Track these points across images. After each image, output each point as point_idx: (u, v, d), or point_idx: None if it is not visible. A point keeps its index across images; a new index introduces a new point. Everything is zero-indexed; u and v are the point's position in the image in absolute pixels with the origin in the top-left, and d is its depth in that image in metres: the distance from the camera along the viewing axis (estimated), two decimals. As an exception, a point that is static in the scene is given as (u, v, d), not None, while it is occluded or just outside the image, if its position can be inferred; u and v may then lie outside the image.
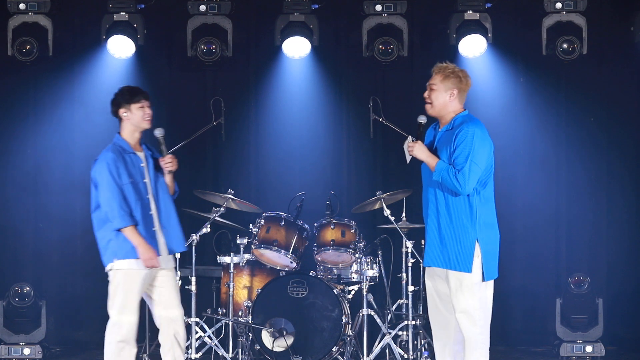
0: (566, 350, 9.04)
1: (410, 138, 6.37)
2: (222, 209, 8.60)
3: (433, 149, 6.36)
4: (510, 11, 9.75)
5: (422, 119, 6.40)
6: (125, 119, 6.72)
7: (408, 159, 6.46)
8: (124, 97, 6.71)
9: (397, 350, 8.49)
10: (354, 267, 8.69)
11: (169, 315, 6.83)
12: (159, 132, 6.80)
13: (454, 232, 6.27)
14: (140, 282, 6.68)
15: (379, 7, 9.39)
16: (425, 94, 6.38)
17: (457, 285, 6.28)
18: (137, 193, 6.68)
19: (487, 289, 6.36)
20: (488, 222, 6.32)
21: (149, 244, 6.64)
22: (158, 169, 6.83)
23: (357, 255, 8.64)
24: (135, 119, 6.71)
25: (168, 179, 6.85)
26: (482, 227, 6.28)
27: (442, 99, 6.34)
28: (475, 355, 6.29)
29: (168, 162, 6.78)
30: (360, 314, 8.54)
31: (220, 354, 8.49)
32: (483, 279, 6.28)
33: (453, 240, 6.27)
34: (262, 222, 8.73)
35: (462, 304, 6.27)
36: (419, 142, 6.32)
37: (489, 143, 6.31)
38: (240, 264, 8.65)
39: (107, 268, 6.71)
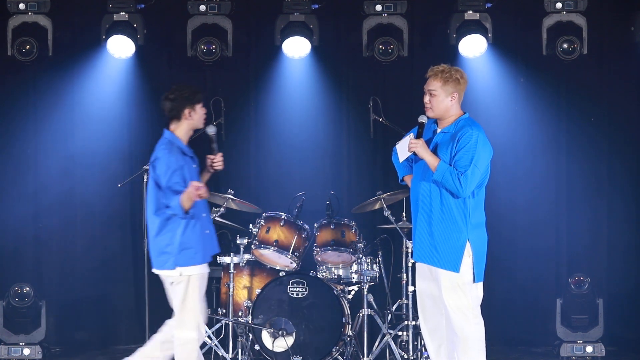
0: (566, 350, 9.03)
1: (412, 136, 6.38)
2: (222, 209, 8.60)
3: (431, 149, 6.37)
4: (511, 11, 9.74)
5: (423, 119, 6.41)
6: (188, 119, 6.62)
7: (402, 157, 6.46)
8: (189, 96, 6.59)
9: (397, 350, 8.48)
10: (354, 267, 8.68)
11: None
12: (212, 130, 6.75)
13: (446, 231, 6.28)
14: None
15: (379, 7, 9.38)
16: (426, 100, 6.37)
17: (448, 285, 6.29)
18: None
19: (478, 290, 6.37)
20: (479, 223, 6.35)
21: None
22: None
23: (357, 256, 8.63)
24: (199, 119, 6.67)
25: (207, 178, 6.82)
26: (473, 228, 6.30)
27: (445, 104, 6.35)
28: (471, 354, 6.28)
29: (219, 161, 6.77)
30: (360, 314, 8.54)
31: (220, 354, 8.48)
32: (474, 280, 6.29)
33: (444, 239, 6.28)
34: (262, 222, 8.72)
35: (455, 302, 6.27)
36: (423, 140, 6.32)
37: (490, 148, 6.34)
38: (240, 264, 8.65)
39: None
